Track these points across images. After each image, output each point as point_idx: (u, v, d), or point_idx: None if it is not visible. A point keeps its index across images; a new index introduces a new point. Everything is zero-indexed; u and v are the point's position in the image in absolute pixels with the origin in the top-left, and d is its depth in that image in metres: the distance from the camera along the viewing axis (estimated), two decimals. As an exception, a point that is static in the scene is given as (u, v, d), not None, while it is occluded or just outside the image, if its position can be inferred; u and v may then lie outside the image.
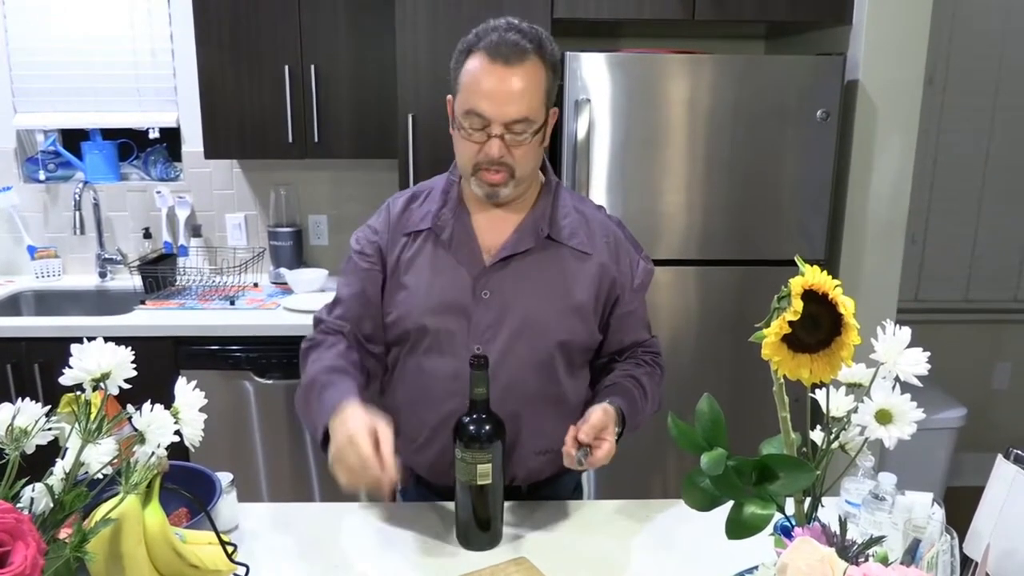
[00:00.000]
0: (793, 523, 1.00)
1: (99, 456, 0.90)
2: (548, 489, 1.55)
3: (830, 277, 0.86)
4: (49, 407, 0.93)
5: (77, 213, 2.90)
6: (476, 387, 1.30)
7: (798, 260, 0.90)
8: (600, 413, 1.33)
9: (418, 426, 1.50)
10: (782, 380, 0.92)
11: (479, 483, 1.31)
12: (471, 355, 1.31)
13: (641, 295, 1.54)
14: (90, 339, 0.91)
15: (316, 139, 2.71)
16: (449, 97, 1.43)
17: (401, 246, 1.47)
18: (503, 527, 1.37)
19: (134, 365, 0.93)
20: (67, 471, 0.89)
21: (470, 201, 1.48)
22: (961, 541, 1.11)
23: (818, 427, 1.04)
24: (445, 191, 1.49)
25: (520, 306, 1.43)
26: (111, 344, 0.92)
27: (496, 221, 1.46)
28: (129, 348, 0.93)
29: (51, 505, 0.88)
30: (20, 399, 0.91)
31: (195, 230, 3.11)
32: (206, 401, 1.01)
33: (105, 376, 0.90)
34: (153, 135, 3.10)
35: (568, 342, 1.45)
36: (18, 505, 0.85)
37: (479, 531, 1.34)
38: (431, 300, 1.44)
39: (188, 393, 1.00)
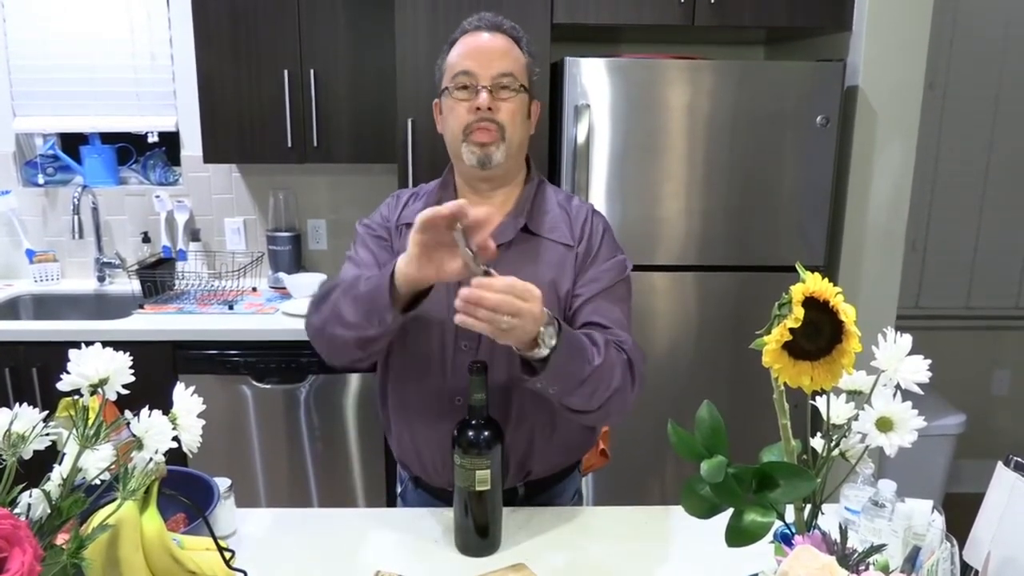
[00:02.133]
0: (793, 531, 1.00)
1: (97, 462, 0.90)
2: (547, 495, 1.55)
3: (831, 284, 0.86)
4: (47, 412, 0.92)
5: (76, 217, 2.90)
6: (474, 393, 1.29)
7: (799, 267, 0.90)
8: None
9: (408, 423, 1.50)
10: (782, 387, 0.92)
11: (478, 489, 1.30)
12: (470, 361, 1.30)
13: (597, 287, 1.46)
14: (88, 344, 0.91)
15: (315, 143, 2.71)
16: (436, 101, 1.50)
17: (398, 235, 1.52)
18: (502, 533, 1.37)
19: (132, 370, 0.92)
20: (64, 477, 0.88)
21: (462, 196, 1.51)
22: (961, 548, 1.10)
23: (818, 434, 1.04)
24: (440, 188, 1.54)
25: None
26: (109, 350, 0.91)
27: None
28: (127, 353, 0.92)
29: (48, 511, 0.87)
30: (18, 403, 0.91)
31: (194, 234, 3.11)
32: (204, 407, 1.00)
33: (103, 382, 0.90)
34: (152, 139, 3.10)
35: None
36: (15, 511, 0.84)
37: (478, 537, 1.34)
38: None
39: (187, 399, 0.99)
